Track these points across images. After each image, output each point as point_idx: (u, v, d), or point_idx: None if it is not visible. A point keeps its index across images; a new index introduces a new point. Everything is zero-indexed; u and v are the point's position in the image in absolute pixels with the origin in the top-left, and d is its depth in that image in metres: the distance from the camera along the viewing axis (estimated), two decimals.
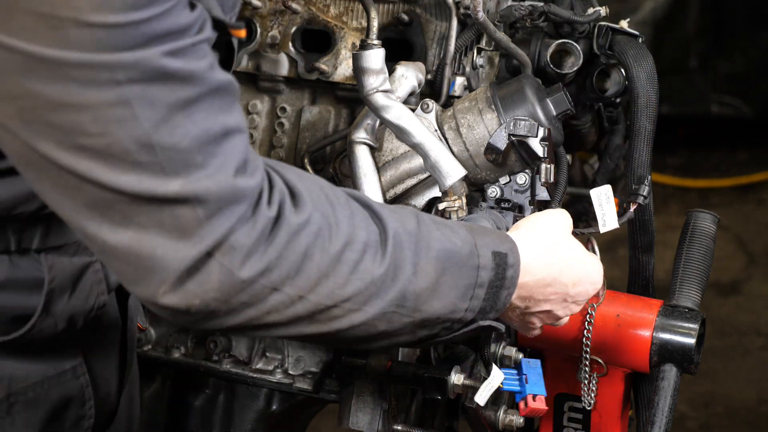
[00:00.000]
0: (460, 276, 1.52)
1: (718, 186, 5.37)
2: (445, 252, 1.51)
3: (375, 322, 1.46)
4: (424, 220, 1.52)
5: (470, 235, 1.55)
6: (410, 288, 1.47)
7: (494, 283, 1.56)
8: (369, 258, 1.43)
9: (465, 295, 1.53)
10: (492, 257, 1.55)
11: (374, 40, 1.94)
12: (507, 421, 2.08)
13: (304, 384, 2.16)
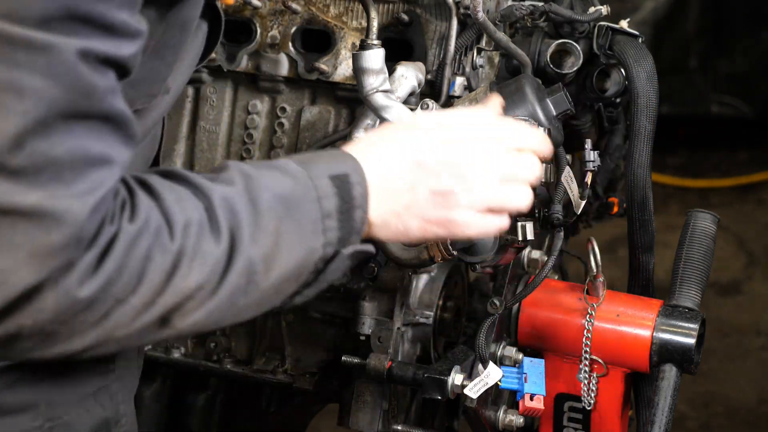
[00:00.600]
0: (303, 215, 1.43)
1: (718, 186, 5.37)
2: (278, 197, 1.41)
3: (234, 299, 1.38)
4: (248, 174, 1.42)
5: (302, 167, 1.46)
6: (255, 252, 1.38)
7: (342, 207, 1.45)
8: (206, 238, 1.34)
9: (315, 231, 1.44)
10: (330, 183, 1.45)
11: (374, 40, 1.94)
12: (507, 421, 2.08)
13: (304, 384, 2.16)
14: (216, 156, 2.22)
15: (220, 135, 2.22)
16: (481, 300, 2.33)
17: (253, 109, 2.20)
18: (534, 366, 1.91)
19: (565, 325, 2.05)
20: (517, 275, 2.14)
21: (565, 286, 2.11)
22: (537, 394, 1.88)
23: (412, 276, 2.09)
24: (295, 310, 2.17)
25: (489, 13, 2.07)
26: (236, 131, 2.22)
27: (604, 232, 3.67)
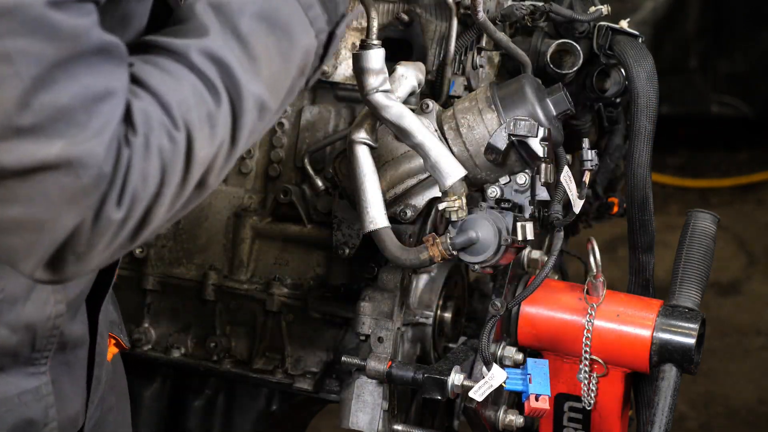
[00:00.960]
0: (284, 21, 1.44)
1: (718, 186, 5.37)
2: (257, 16, 1.42)
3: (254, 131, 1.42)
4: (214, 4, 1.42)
5: None
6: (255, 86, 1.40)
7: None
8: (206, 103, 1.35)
9: (304, 29, 1.46)
10: None
11: (374, 40, 1.94)
12: (507, 421, 2.08)
13: (304, 384, 2.16)
14: None
15: None
16: (481, 300, 2.33)
17: None
18: (538, 366, 1.91)
19: (565, 325, 2.05)
20: (517, 275, 2.14)
21: (565, 286, 2.11)
22: (542, 394, 1.88)
23: (412, 276, 2.09)
24: (295, 310, 2.17)
25: (489, 13, 2.07)
26: None
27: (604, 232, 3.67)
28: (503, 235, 1.90)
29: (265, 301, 2.17)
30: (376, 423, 2.03)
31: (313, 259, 2.18)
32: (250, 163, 2.21)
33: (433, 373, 1.96)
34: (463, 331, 2.25)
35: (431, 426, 2.21)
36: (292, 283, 2.17)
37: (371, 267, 2.06)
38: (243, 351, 2.22)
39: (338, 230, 2.03)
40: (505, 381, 1.89)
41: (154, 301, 2.25)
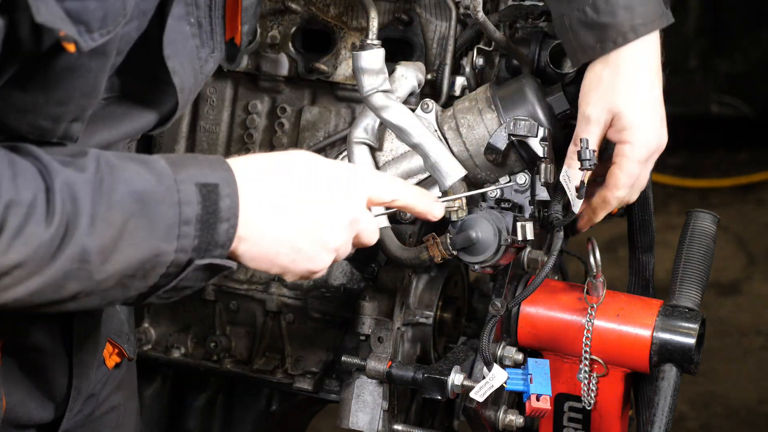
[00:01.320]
0: (158, 216, 1.40)
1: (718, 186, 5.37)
2: (134, 194, 1.39)
3: (61, 283, 1.37)
4: (107, 162, 1.40)
5: (171, 169, 1.43)
6: (91, 241, 1.36)
7: (204, 217, 1.42)
8: (35, 219, 1.33)
9: (168, 235, 1.41)
10: (197, 190, 1.43)
11: (374, 40, 1.94)
12: (507, 421, 2.08)
13: (304, 384, 2.16)
14: None
15: (219, 135, 2.22)
16: (481, 300, 2.33)
17: (253, 109, 2.20)
18: (539, 366, 1.91)
19: (565, 325, 2.05)
20: (517, 275, 2.14)
21: (565, 286, 2.11)
22: (543, 394, 1.88)
23: (412, 276, 2.09)
24: (295, 310, 2.17)
25: (489, 13, 2.07)
26: (236, 131, 2.21)
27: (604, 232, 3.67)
28: (503, 235, 1.90)
29: (265, 301, 2.17)
30: (376, 423, 2.03)
31: None
32: None
33: (433, 373, 1.96)
34: (463, 331, 2.25)
35: (431, 426, 2.21)
36: (292, 283, 2.17)
37: (371, 267, 2.06)
38: (243, 351, 2.22)
39: None
40: (506, 381, 1.89)
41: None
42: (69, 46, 1.34)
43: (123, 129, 1.59)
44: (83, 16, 1.36)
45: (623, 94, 1.88)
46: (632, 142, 1.90)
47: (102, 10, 1.37)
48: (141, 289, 1.44)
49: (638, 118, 1.89)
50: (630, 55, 1.89)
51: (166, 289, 1.46)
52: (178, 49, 1.55)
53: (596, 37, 1.87)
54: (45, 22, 1.31)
